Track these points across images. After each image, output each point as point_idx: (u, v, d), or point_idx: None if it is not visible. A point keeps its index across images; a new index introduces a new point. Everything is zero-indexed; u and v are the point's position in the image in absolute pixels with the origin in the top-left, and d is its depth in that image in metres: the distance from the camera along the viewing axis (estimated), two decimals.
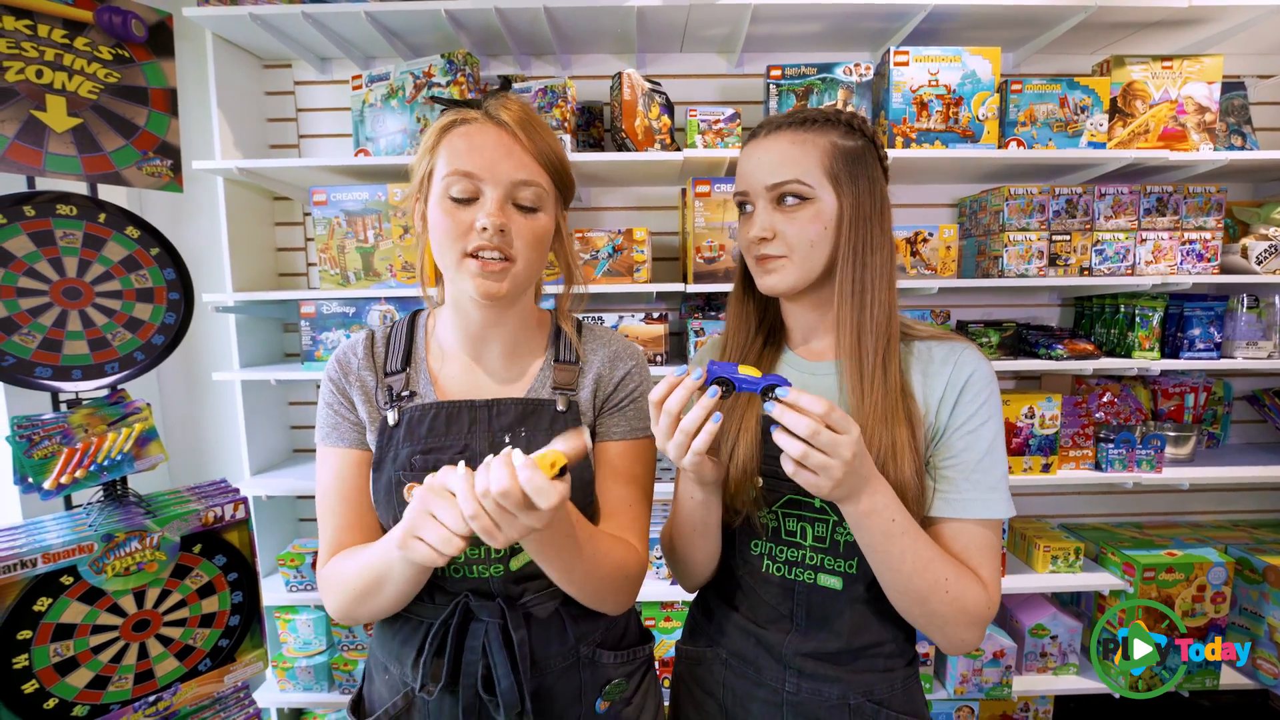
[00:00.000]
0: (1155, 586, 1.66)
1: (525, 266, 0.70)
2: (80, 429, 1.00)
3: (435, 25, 1.60)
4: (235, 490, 1.10)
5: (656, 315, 1.66)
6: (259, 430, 1.76)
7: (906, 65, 1.57)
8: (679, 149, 1.62)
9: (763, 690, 0.78)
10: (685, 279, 1.66)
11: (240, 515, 1.05)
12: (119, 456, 1.01)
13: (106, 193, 1.08)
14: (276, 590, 1.70)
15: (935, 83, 1.57)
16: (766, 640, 0.78)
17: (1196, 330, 1.66)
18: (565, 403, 0.77)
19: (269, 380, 1.67)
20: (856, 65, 1.61)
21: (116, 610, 0.94)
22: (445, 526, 0.54)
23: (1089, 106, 1.61)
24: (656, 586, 1.68)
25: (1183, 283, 1.60)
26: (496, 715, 0.71)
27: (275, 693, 1.75)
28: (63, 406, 1.03)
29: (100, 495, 1.05)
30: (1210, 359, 1.65)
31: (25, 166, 0.99)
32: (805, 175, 0.70)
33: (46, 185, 1.02)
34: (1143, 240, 1.65)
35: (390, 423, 0.74)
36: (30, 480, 0.94)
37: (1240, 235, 1.75)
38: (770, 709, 0.78)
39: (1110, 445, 1.65)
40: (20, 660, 0.86)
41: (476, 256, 0.67)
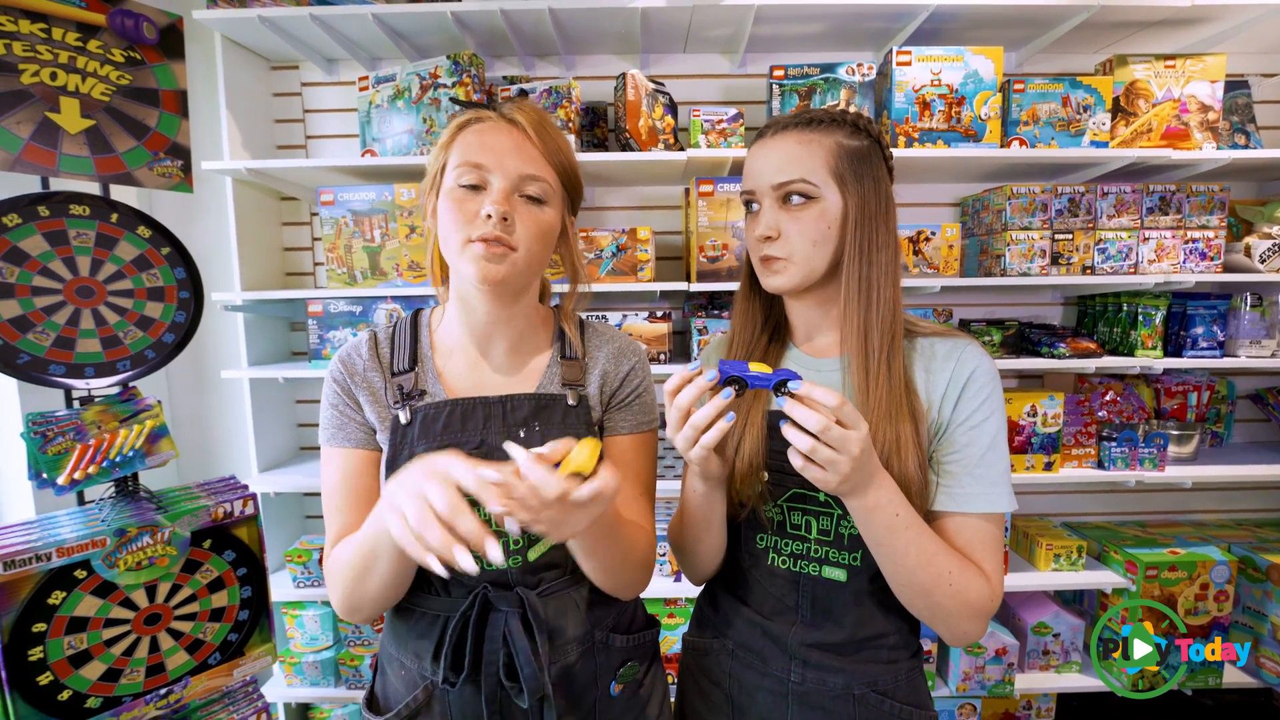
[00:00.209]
0: (1158, 585, 1.66)
1: (526, 256, 0.71)
2: (93, 426, 1.02)
3: (441, 27, 1.62)
4: (244, 486, 1.11)
5: (660, 314, 1.67)
6: (267, 428, 1.78)
7: (909, 65, 1.58)
8: (682, 149, 1.63)
9: (768, 681, 0.79)
10: (688, 278, 1.67)
11: (249, 511, 1.06)
12: (130, 453, 1.03)
13: (118, 193, 1.10)
14: (284, 586, 1.71)
15: (938, 82, 1.58)
16: (772, 631, 0.79)
17: (1199, 329, 1.66)
18: (575, 397, 0.78)
19: (277, 378, 1.68)
20: (859, 65, 1.62)
21: (128, 604, 0.95)
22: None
23: (1091, 106, 1.61)
24: (660, 583, 1.69)
25: (1186, 281, 1.60)
26: (519, 701, 0.72)
27: (283, 687, 1.77)
28: (76, 403, 1.05)
29: (112, 491, 1.06)
30: (1213, 358, 1.66)
31: (40, 167, 1.00)
32: (811, 175, 0.71)
33: (60, 186, 1.03)
34: (1145, 239, 1.65)
35: (403, 421, 0.75)
36: (44, 476, 0.96)
37: (1244, 234, 1.75)
38: (776, 699, 0.79)
39: (1113, 444, 1.65)
40: (35, 652, 0.87)
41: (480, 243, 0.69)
